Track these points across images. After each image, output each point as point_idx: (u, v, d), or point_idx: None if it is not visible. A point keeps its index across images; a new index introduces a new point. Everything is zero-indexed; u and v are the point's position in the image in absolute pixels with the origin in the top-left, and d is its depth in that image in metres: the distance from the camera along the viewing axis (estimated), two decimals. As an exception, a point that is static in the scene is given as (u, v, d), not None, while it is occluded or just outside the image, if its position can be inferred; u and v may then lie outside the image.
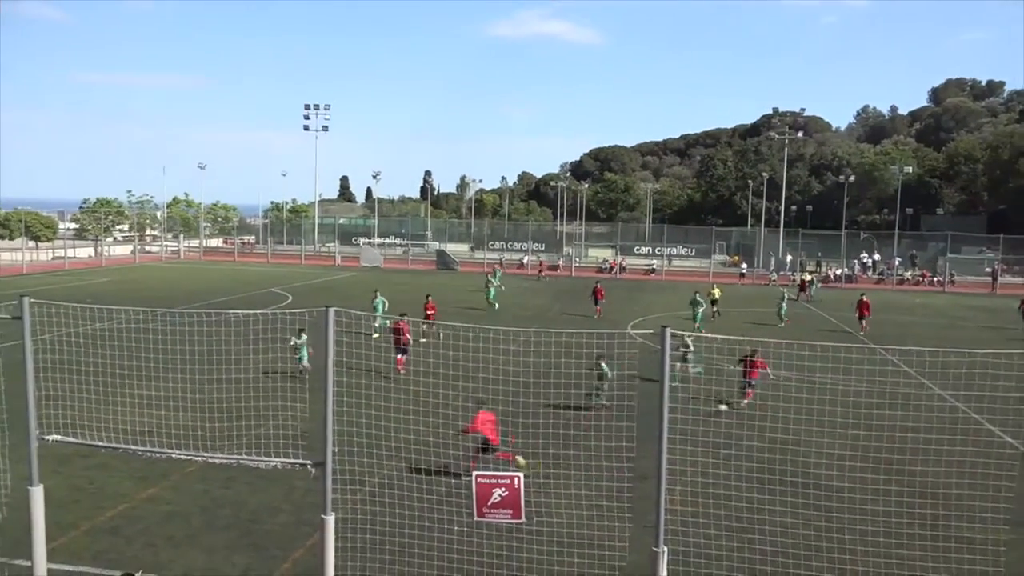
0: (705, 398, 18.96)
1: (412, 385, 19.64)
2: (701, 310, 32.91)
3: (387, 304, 29.88)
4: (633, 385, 16.77)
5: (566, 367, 18.36)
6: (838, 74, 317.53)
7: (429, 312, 27.59)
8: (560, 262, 70.50)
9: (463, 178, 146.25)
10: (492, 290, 39.79)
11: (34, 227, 62.62)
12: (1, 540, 9.91)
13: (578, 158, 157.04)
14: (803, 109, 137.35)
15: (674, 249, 77.50)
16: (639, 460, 13.05)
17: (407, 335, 22.88)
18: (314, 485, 10.03)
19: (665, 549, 7.74)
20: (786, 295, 38.78)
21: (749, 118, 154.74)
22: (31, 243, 62.28)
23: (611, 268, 67.73)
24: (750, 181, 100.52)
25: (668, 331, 7.77)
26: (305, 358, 20.45)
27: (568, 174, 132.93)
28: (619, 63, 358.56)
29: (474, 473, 8.73)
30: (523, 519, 8.63)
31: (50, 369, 14.09)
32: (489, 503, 8.54)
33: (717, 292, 38.05)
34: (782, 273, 60.77)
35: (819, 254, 73.22)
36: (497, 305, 39.08)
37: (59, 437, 9.24)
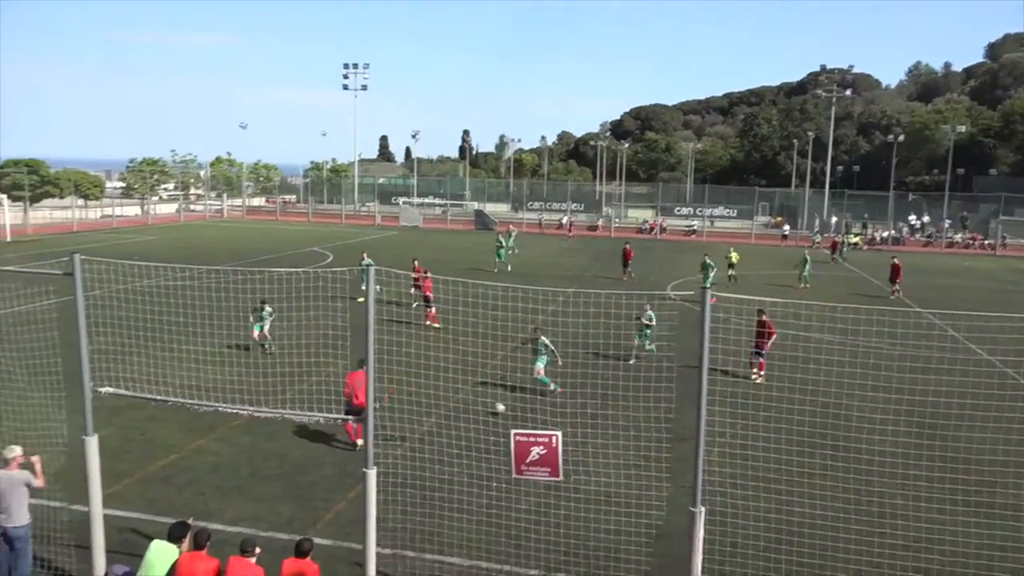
0: (745, 361, 18.80)
1: (451, 343, 19.82)
2: (713, 273, 32.36)
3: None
4: (672, 346, 16.70)
5: (604, 328, 18.34)
6: (889, 30, 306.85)
7: (417, 278, 25.14)
8: (599, 223, 69.99)
9: (502, 138, 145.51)
10: (502, 251, 38.99)
11: (83, 186, 63.78)
12: (61, 487, 10.32)
13: (618, 117, 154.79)
14: (852, 66, 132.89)
15: (716, 210, 76.43)
16: (678, 421, 13.08)
17: (428, 290, 23.25)
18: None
19: (703, 509, 7.77)
20: (809, 257, 37.51)
21: (795, 76, 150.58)
22: (80, 202, 63.58)
23: (651, 229, 67.10)
24: (795, 140, 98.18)
25: (709, 293, 7.71)
26: (266, 327, 20.01)
27: (608, 133, 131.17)
28: (662, 19, 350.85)
29: (512, 431, 8.82)
30: (560, 477, 8.72)
31: (102, 324, 14.51)
32: (527, 461, 8.63)
33: (734, 256, 36.91)
34: (826, 235, 59.60)
35: (865, 216, 71.55)
36: (510, 267, 38.31)
37: (111, 389, 9.53)
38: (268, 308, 20.01)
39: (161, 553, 7.73)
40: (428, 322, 22.76)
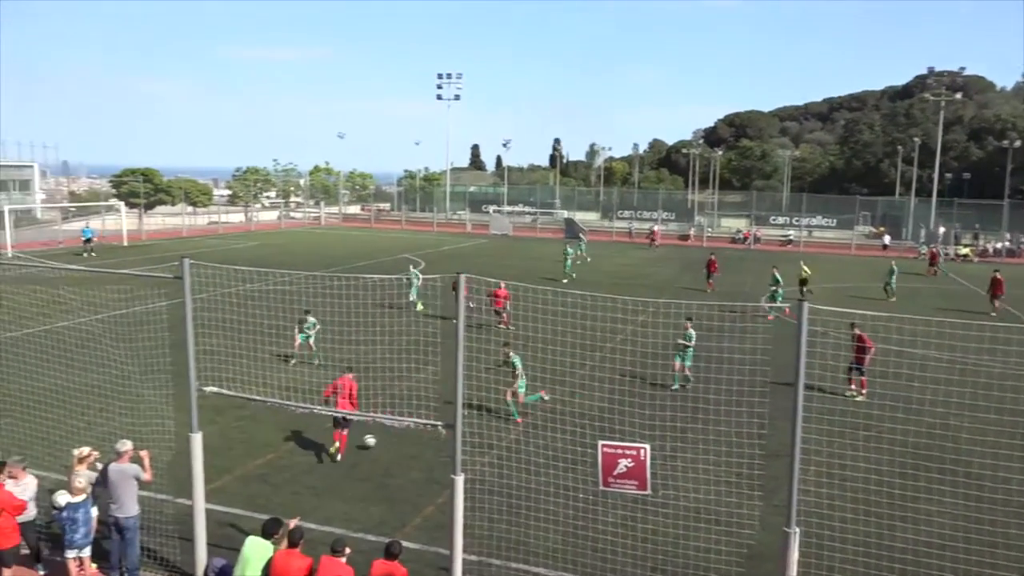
0: (843, 377, 18.07)
1: (539, 352, 19.83)
2: (780, 292, 29.86)
3: (420, 279, 26.81)
4: (766, 360, 16.21)
5: (691, 339, 17.96)
6: (1005, 28, 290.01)
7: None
8: (691, 232, 68.79)
9: (592, 146, 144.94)
10: (568, 260, 38.29)
11: (192, 194, 67.27)
12: (167, 481, 10.84)
13: (712, 124, 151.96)
14: (963, 68, 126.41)
15: (813, 219, 73.83)
16: (771, 438, 12.67)
17: (502, 302, 23.36)
18: (444, 445, 10.37)
19: (797, 530, 7.49)
20: (895, 268, 35.57)
21: (900, 79, 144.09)
22: (189, 208, 66.99)
23: (745, 239, 65.47)
24: (899, 147, 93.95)
25: (806, 306, 7.44)
26: (311, 339, 19.99)
27: (701, 141, 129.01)
28: (759, 23, 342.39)
29: (600, 443, 8.74)
30: (649, 491, 8.58)
31: (207, 326, 15.21)
32: (615, 473, 8.53)
33: (806, 270, 34.36)
34: (931, 246, 56.78)
35: (976, 226, 67.71)
36: (575, 275, 37.97)
37: (215, 389, 9.96)
38: (312, 319, 19.98)
39: (256, 549, 8.01)
40: (502, 326, 23.21)
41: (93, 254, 41.74)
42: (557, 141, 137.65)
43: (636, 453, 8.46)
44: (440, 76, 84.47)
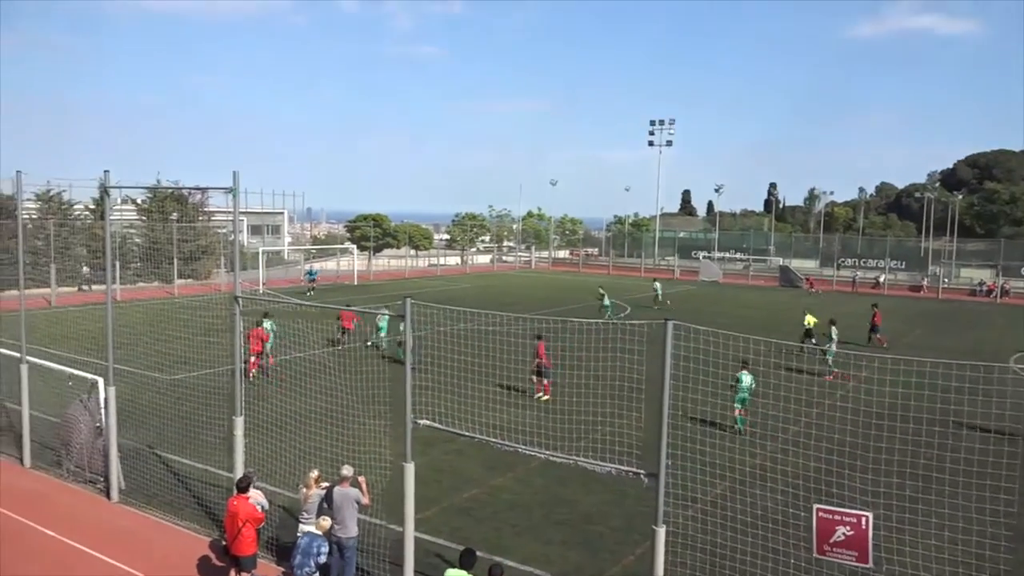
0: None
1: (752, 406, 18.91)
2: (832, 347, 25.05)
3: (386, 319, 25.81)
4: (1017, 428, 14.31)
5: (923, 400, 16.28)
6: None
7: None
8: (924, 282, 62.86)
9: (812, 190, 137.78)
10: (607, 309, 36.68)
11: (415, 237, 72.35)
12: (382, 507, 11.51)
13: (950, 166, 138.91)
14: None
15: (1077, 271, 64.68)
16: (1022, 516, 11.11)
17: (545, 357, 20.83)
18: (645, 494, 10.12)
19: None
20: None
21: None
22: (412, 251, 71.91)
23: (989, 291, 58.71)
24: None
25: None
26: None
27: (937, 184, 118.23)
28: (1005, 54, 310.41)
29: (815, 506, 8.12)
30: (870, 564, 7.82)
31: (423, 362, 16.08)
32: (831, 540, 7.88)
33: (809, 319, 30.11)
34: None
35: None
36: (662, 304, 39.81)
37: (428, 422, 10.48)
38: (268, 323, 20.14)
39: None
40: (539, 394, 20.79)
41: (311, 292, 45.37)
42: (773, 186, 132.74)
43: (856, 521, 7.77)
44: (652, 123, 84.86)
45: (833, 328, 25.96)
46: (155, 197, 49.88)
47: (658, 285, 45.25)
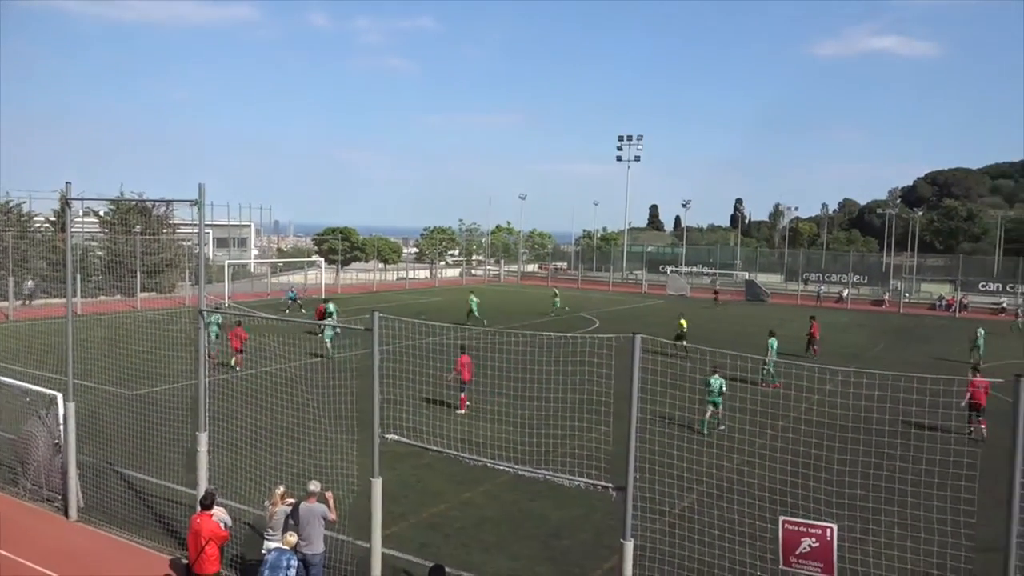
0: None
1: (723, 418, 19.05)
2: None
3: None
4: (975, 440, 14.61)
5: (891, 414, 16.58)
6: None
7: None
8: (885, 296, 64.06)
9: (777, 206, 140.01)
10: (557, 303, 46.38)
11: (384, 251, 72.08)
12: (350, 523, 11.39)
13: (911, 183, 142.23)
14: None
15: (1032, 286, 66.36)
16: (982, 527, 11.32)
17: (466, 369, 20.63)
18: (614, 508, 10.15)
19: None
20: (982, 332, 34.26)
21: None
22: (380, 265, 71.62)
23: (948, 306, 59.99)
24: None
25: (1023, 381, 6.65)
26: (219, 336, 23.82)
27: (898, 200, 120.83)
28: (962, 76, 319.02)
29: (781, 518, 8.20)
30: (835, 575, 7.91)
31: (391, 376, 15.97)
32: (797, 552, 7.96)
33: (684, 324, 32.70)
34: None
35: None
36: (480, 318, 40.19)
37: (396, 437, 10.42)
38: (213, 317, 22.80)
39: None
40: (461, 408, 20.58)
41: (303, 311, 44.75)
42: (739, 201, 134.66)
43: (821, 533, 7.86)
44: (621, 139, 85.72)
45: (772, 339, 26.28)
46: (118, 209, 49.11)
47: (556, 291, 51.77)
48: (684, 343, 28.85)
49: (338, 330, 26.59)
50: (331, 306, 32.48)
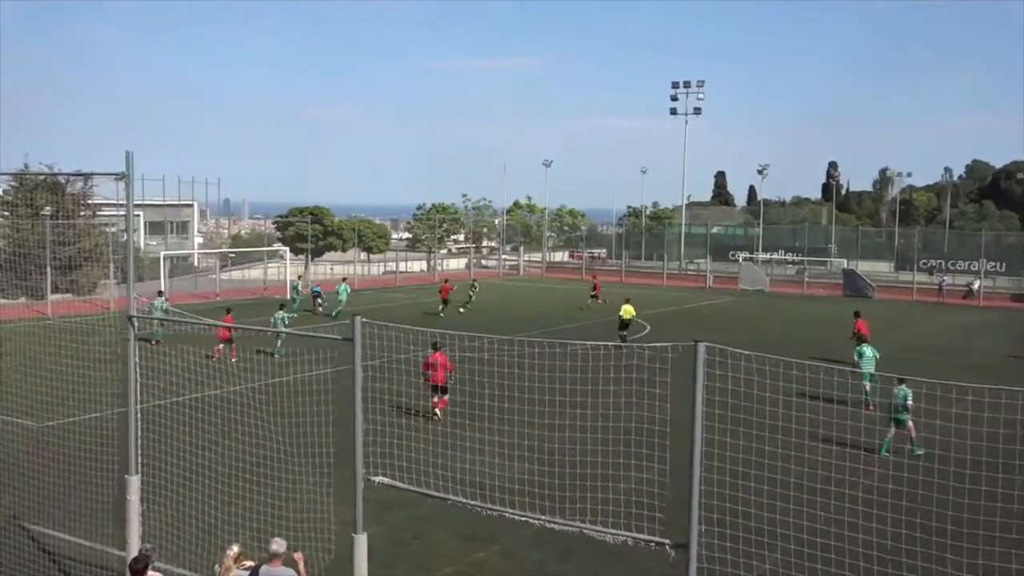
0: None
1: (800, 452, 18.92)
2: None
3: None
4: None
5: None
6: None
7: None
8: (1031, 289, 63.45)
9: (883, 172, 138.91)
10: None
11: (367, 237, 72.09)
12: (324, 590, 11.43)
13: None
14: None
15: None
16: None
17: (440, 370, 22.06)
18: (671, 570, 10.10)
19: None
20: None
21: None
22: (363, 255, 71.75)
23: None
24: None
25: None
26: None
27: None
28: None
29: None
30: None
31: (378, 400, 16.02)
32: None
33: (629, 310, 37.10)
34: None
35: None
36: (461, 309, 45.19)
37: (386, 480, 10.42)
38: (157, 301, 24.39)
39: None
40: (436, 409, 22.28)
41: (320, 309, 45.07)
42: (833, 166, 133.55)
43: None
44: (676, 85, 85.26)
45: (864, 347, 26.80)
46: (21, 186, 49.56)
47: (476, 285, 50.39)
48: (624, 333, 33.72)
49: (289, 321, 28.85)
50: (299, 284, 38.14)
